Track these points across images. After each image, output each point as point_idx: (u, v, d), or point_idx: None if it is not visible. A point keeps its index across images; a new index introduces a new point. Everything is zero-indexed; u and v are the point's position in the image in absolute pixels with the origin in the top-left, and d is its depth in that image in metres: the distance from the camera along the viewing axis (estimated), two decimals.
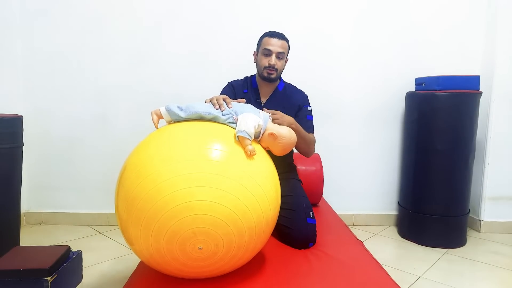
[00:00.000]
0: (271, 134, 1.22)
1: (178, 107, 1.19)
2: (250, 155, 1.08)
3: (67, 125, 2.61)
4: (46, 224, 2.66)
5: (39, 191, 2.65)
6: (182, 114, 1.18)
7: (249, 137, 1.11)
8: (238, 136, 1.10)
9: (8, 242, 1.85)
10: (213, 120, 1.19)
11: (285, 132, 1.26)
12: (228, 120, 1.19)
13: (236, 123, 1.17)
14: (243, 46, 2.53)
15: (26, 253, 1.64)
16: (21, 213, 2.08)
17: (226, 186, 0.99)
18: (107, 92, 2.59)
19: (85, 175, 2.64)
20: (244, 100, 1.36)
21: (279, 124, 1.37)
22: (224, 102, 1.24)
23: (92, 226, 2.62)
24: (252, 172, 1.07)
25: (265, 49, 1.68)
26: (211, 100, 1.26)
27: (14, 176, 1.93)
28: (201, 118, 1.19)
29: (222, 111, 1.20)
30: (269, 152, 1.26)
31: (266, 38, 1.70)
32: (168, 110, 1.20)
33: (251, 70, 1.88)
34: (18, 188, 1.97)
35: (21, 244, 2.02)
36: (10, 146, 1.87)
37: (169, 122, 1.23)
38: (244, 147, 1.09)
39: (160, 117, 1.23)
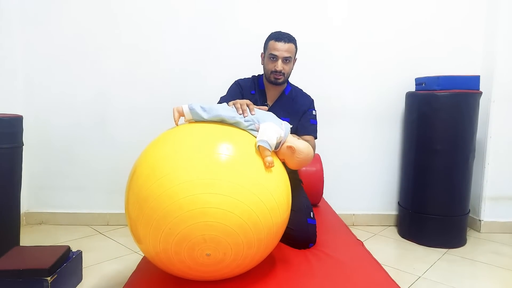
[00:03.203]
0: (290, 147, 1.21)
1: (202, 107, 1.18)
2: (268, 166, 1.06)
3: (67, 125, 2.61)
4: (46, 224, 2.65)
5: (39, 191, 2.65)
6: (205, 116, 1.17)
7: (269, 148, 1.09)
8: (259, 145, 1.09)
9: (8, 242, 1.85)
10: (235, 125, 1.17)
11: (304, 147, 1.24)
12: (250, 127, 1.17)
13: (257, 130, 1.16)
14: (243, 47, 2.53)
15: (26, 253, 1.65)
16: (21, 213, 2.08)
17: (241, 195, 0.98)
18: (107, 92, 2.59)
19: (85, 175, 2.64)
20: (266, 108, 1.35)
21: None
22: (247, 108, 1.22)
23: (92, 226, 2.62)
24: (268, 184, 1.05)
25: (271, 54, 1.64)
26: (234, 104, 1.24)
27: (14, 176, 1.93)
28: (222, 121, 1.17)
29: (244, 117, 1.19)
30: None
31: (271, 42, 1.65)
32: (191, 110, 1.19)
33: (252, 70, 1.87)
34: (18, 188, 1.97)
35: (21, 244, 2.02)
36: (10, 146, 1.87)
37: (189, 121, 1.22)
38: (263, 157, 1.08)
39: (181, 114, 1.21)
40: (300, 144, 1.24)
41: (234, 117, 1.17)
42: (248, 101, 1.26)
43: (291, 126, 1.31)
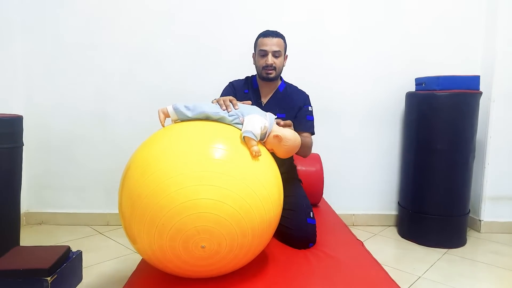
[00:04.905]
0: (276, 136, 1.23)
1: (186, 106, 1.20)
2: (255, 155, 1.09)
3: (67, 125, 2.61)
4: (46, 224, 2.65)
5: (39, 191, 2.65)
6: (189, 114, 1.19)
7: (255, 138, 1.11)
8: (244, 136, 1.11)
9: (8, 242, 1.85)
10: (220, 120, 1.20)
11: (290, 135, 1.26)
12: (234, 121, 1.20)
13: (242, 124, 1.18)
14: (242, 45, 2.52)
15: (26, 253, 1.64)
16: (21, 213, 2.08)
17: (231, 185, 1.00)
18: (107, 91, 2.59)
19: (85, 175, 2.65)
20: (250, 102, 1.37)
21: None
22: (231, 103, 1.25)
23: (92, 226, 2.62)
24: (257, 172, 1.07)
25: (261, 49, 1.68)
26: (218, 101, 1.27)
27: (14, 176, 1.93)
28: (207, 118, 1.19)
29: (228, 112, 1.21)
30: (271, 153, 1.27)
31: (260, 39, 1.70)
32: (175, 109, 1.21)
33: (251, 69, 1.87)
34: (18, 188, 1.97)
35: (21, 244, 2.01)
36: (10, 146, 1.87)
37: (175, 121, 1.24)
38: (249, 147, 1.10)
39: (167, 115, 1.24)
40: (286, 132, 1.26)
41: (218, 112, 1.20)
42: (231, 97, 1.28)
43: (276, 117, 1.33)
